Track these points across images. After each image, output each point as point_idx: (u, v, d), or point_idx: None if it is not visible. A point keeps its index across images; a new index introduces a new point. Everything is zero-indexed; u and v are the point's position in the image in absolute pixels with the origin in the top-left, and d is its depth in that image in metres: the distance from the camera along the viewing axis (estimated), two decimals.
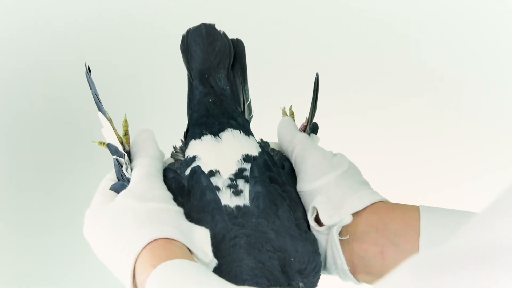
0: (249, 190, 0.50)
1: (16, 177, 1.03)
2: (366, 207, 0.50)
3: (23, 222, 1.02)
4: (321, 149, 0.56)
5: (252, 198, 0.49)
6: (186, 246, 0.44)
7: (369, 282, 0.50)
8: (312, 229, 0.50)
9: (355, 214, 0.49)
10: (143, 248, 0.43)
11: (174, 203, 0.48)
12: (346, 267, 0.49)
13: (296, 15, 1.08)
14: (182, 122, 0.61)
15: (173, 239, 0.44)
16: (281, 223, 0.48)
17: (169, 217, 0.46)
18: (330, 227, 0.49)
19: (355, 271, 0.50)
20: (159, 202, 0.47)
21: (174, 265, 0.41)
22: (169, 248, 0.43)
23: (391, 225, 0.49)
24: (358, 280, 0.50)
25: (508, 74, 1.05)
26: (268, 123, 1.08)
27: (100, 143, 0.57)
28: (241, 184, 0.50)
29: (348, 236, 0.49)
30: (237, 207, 0.49)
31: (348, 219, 0.49)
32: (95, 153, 1.05)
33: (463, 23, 1.06)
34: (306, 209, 0.52)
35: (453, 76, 1.06)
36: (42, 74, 1.03)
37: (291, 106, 0.63)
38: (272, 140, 0.62)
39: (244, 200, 0.49)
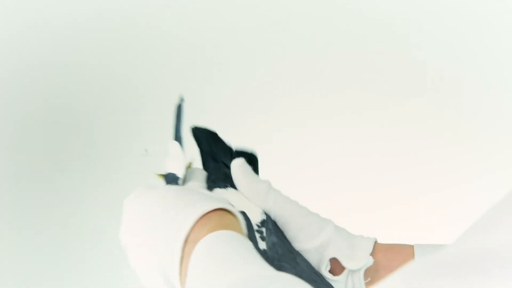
0: (266, 240, 0.52)
1: (16, 177, 1.03)
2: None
3: (23, 222, 1.01)
4: (295, 202, 0.56)
5: (269, 247, 0.51)
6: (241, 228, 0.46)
7: None
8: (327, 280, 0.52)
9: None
10: (205, 214, 0.44)
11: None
12: None
13: (296, 15, 1.08)
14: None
15: (233, 213, 0.45)
16: (301, 268, 0.50)
17: (228, 200, 0.48)
18: (348, 274, 0.51)
19: None
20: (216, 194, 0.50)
21: (229, 235, 0.42)
22: (229, 220, 0.44)
23: (393, 262, 0.51)
24: None
25: (508, 74, 1.05)
26: (267, 124, 1.08)
27: (160, 175, 0.58)
28: (264, 232, 0.52)
29: (369, 279, 0.51)
30: (264, 250, 0.51)
31: (371, 261, 0.51)
32: (95, 153, 1.05)
33: (463, 23, 1.06)
34: (316, 263, 0.53)
35: (453, 76, 1.06)
36: (42, 74, 1.03)
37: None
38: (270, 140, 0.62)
39: (266, 246, 0.52)
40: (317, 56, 1.08)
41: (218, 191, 0.55)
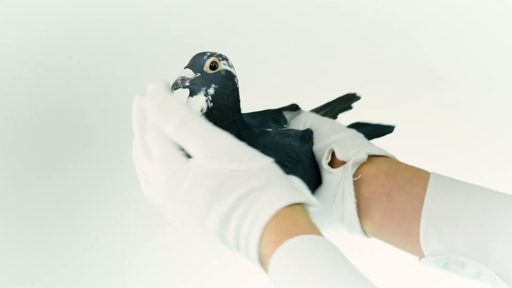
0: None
1: (16, 177, 1.03)
2: (380, 156, 0.52)
3: (23, 221, 1.02)
4: (333, 120, 0.59)
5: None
6: (302, 204, 0.42)
7: (369, 227, 0.51)
8: (325, 172, 0.52)
9: (368, 158, 0.51)
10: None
11: (259, 153, 0.44)
12: (354, 204, 0.49)
13: (297, 15, 1.08)
14: None
15: (291, 204, 0.41)
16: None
17: (271, 177, 0.42)
18: (344, 169, 0.51)
19: (359, 215, 0.50)
20: (252, 161, 0.43)
21: (303, 242, 0.39)
22: (293, 219, 0.40)
23: (401, 173, 0.50)
24: (363, 228, 0.51)
25: (508, 74, 1.05)
26: None
27: None
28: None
29: (360, 176, 0.50)
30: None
31: (363, 155, 0.51)
32: (95, 153, 1.05)
33: (464, 23, 1.06)
34: (320, 158, 0.53)
35: (454, 76, 1.06)
36: (42, 75, 1.03)
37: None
38: None
39: None
40: (317, 56, 1.08)
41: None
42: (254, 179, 0.41)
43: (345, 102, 0.66)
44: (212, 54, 0.52)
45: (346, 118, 0.66)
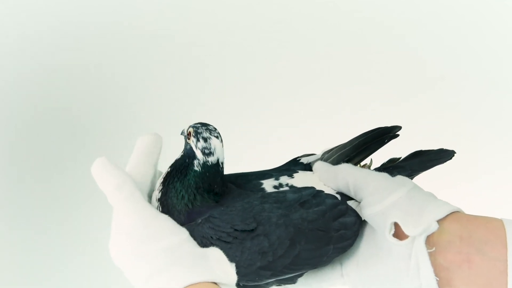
0: None
1: (16, 177, 1.03)
2: (447, 216, 0.49)
3: (23, 222, 1.02)
4: (375, 171, 0.55)
5: None
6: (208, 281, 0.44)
7: None
8: (392, 246, 0.49)
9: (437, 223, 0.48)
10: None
11: (180, 229, 0.48)
12: (434, 278, 0.47)
13: (297, 15, 1.08)
14: (183, 121, 0.61)
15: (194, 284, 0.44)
16: None
17: (182, 255, 0.46)
18: (413, 239, 0.48)
19: (439, 284, 0.48)
20: (168, 236, 0.47)
21: None
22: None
23: (475, 233, 0.47)
24: None
25: (508, 74, 1.05)
26: (266, 124, 1.08)
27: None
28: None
29: (434, 249, 0.47)
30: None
31: (434, 226, 0.48)
32: (94, 153, 1.05)
33: (463, 23, 1.06)
34: (381, 228, 0.50)
35: (454, 76, 1.06)
36: (43, 75, 1.03)
37: (371, 160, 0.61)
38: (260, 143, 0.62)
39: None
40: (317, 56, 1.08)
41: (298, 175, 0.56)
42: (159, 259, 0.45)
43: (378, 137, 0.62)
44: (195, 126, 0.52)
45: (348, 125, 0.66)
